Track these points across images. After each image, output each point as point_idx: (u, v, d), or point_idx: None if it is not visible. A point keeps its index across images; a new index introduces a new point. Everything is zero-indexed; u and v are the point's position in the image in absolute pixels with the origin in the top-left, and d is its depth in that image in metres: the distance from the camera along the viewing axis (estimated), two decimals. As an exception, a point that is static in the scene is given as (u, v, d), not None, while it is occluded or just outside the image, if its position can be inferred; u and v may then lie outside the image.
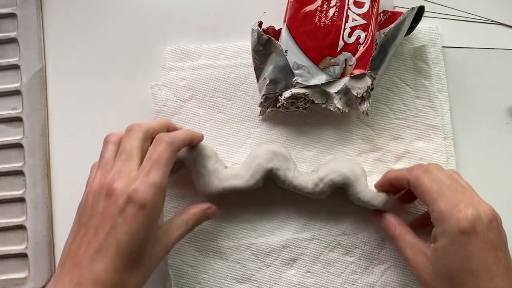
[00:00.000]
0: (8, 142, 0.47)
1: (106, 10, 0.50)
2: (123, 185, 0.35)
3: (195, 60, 0.48)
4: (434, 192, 0.37)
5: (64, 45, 0.49)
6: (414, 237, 0.40)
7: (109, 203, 0.35)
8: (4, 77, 0.48)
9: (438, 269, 0.37)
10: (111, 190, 0.35)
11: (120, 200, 0.35)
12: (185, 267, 0.45)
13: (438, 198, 0.37)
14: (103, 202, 0.35)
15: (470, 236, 0.35)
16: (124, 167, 0.36)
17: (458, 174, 0.40)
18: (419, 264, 0.38)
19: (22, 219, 0.46)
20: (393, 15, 0.44)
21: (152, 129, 0.39)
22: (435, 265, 0.37)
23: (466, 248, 0.35)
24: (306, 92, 0.42)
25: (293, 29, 0.43)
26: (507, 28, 0.48)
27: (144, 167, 0.36)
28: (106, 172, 0.37)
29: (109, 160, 0.38)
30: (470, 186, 0.39)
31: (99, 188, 0.36)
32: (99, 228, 0.35)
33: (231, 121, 0.47)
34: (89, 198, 0.36)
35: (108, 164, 0.38)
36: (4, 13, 0.49)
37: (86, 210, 0.36)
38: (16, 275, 0.45)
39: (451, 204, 0.36)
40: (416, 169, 0.39)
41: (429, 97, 0.46)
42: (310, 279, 0.44)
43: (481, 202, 0.37)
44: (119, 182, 0.35)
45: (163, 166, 0.37)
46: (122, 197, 0.35)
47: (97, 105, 0.49)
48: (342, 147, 0.46)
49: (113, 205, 0.35)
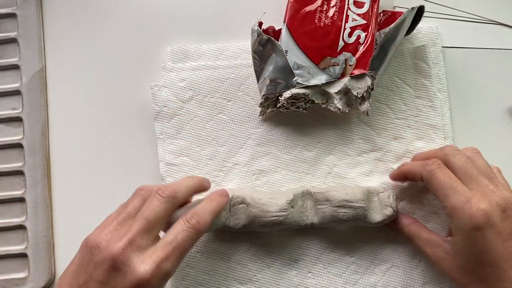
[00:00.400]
0: (8, 142, 0.47)
1: (106, 10, 0.50)
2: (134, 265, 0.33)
3: (195, 60, 0.48)
4: (446, 188, 0.37)
5: (64, 45, 0.49)
6: (429, 232, 0.40)
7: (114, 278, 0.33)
8: (4, 77, 0.48)
9: (459, 262, 0.37)
10: (118, 265, 0.33)
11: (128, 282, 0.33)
12: (186, 269, 0.45)
13: (450, 194, 0.37)
14: (108, 272, 0.33)
15: (484, 230, 0.35)
16: (139, 240, 0.34)
17: (478, 153, 0.40)
18: (439, 259, 0.38)
19: (22, 219, 0.46)
20: (393, 15, 0.44)
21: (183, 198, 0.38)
22: (455, 258, 0.37)
23: (482, 242, 0.35)
24: (306, 92, 0.42)
25: (293, 29, 0.43)
26: (507, 28, 0.48)
27: (163, 248, 0.34)
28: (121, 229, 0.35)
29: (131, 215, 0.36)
30: (488, 167, 0.39)
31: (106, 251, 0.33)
32: None
33: (231, 121, 0.47)
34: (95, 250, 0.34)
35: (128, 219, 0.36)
36: (4, 13, 0.49)
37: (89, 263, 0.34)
38: (16, 275, 0.45)
39: (463, 199, 0.36)
40: (430, 164, 0.39)
41: (429, 97, 0.46)
42: (311, 279, 0.44)
43: (495, 191, 0.37)
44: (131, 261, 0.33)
45: (181, 255, 0.35)
46: (131, 279, 0.33)
47: (97, 105, 0.48)
48: (342, 147, 0.46)
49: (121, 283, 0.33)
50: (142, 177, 0.47)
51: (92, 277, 0.33)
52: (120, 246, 0.33)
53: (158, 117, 0.47)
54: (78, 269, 0.35)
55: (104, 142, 0.48)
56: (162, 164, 0.46)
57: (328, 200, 0.42)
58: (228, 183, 0.46)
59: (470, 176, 0.37)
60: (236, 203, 0.42)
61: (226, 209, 0.41)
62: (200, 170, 0.46)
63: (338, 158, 0.46)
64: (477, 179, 0.37)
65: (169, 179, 0.46)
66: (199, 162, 0.46)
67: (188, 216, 0.36)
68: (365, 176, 0.46)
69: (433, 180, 0.38)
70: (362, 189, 0.42)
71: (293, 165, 0.46)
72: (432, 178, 0.38)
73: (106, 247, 0.34)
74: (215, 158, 0.46)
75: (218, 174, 0.46)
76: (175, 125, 0.47)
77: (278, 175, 0.46)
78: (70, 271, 0.35)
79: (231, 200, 0.42)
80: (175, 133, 0.47)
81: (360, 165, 0.46)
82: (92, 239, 0.35)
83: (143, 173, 0.47)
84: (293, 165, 0.46)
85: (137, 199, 0.37)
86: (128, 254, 0.33)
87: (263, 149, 0.46)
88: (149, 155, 0.47)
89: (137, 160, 0.47)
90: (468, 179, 0.37)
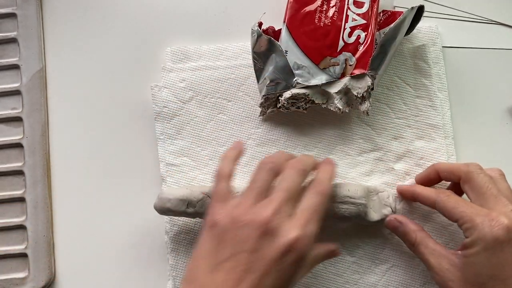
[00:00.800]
0: (8, 142, 0.47)
1: (106, 11, 0.50)
2: (284, 230, 0.34)
3: (195, 61, 0.48)
4: (462, 206, 0.37)
5: (64, 45, 0.49)
6: (436, 243, 0.39)
7: (267, 244, 0.34)
8: (4, 77, 0.48)
9: (468, 277, 0.36)
10: (270, 231, 0.34)
11: (282, 246, 0.34)
12: (186, 268, 0.45)
13: (468, 210, 0.37)
14: (256, 239, 0.34)
15: (503, 244, 0.35)
16: (284, 208, 0.35)
17: (502, 176, 0.40)
18: (444, 271, 0.37)
19: (22, 219, 0.46)
20: (393, 15, 0.44)
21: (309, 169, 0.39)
22: (465, 272, 0.36)
23: (500, 256, 0.35)
24: (306, 92, 0.42)
25: (293, 30, 0.43)
26: (507, 28, 0.48)
27: (305, 214, 0.35)
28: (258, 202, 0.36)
29: (264, 188, 0.37)
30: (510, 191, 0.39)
31: (254, 221, 0.34)
32: (252, 267, 0.33)
33: (231, 122, 0.47)
34: (236, 225, 0.35)
35: (262, 192, 0.36)
36: (4, 13, 0.49)
37: (231, 237, 0.35)
38: (16, 275, 0.45)
39: (484, 213, 0.36)
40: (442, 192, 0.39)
41: (429, 97, 0.46)
42: (312, 279, 0.44)
43: None
44: (282, 226, 0.34)
45: (319, 218, 0.36)
46: (282, 245, 0.34)
47: (97, 105, 0.48)
48: (343, 147, 0.46)
49: (273, 248, 0.34)
50: (142, 177, 0.47)
51: (240, 248, 0.34)
52: (268, 214, 0.34)
53: (158, 118, 0.47)
54: (214, 248, 0.35)
55: (104, 143, 0.48)
56: (162, 165, 0.46)
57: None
58: (228, 183, 0.46)
59: (490, 195, 0.37)
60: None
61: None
62: (200, 171, 0.46)
63: (339, 158, 0.46)
64: (496, 198, 0.37)
65: (169, 179, 0.46)
66: (199, 162, 0.46)
67: (314, 186, 0.38)
68: (366, 176, 0.46)
69: (447, 203, 0.38)
70: (363, 186, 0.42)
71: (293, 165, 0.46)
72: (445, 202, 0.38)
73: (252, 218, 0.34)
74: (216, 159, 0.46)
75: (218, 174, 0.46)
76: (175, 125, 0.47)
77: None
78: (203, 252, 0.35)
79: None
80: (175, 134, 0.47)
81: (360, 165, 0.46)
82: (231, 214, 0.35)
83: (143, 173, 0.47)
84: (293, 165, 0.46)
85: (266, 173, 0.38)
86: (276, 221, 0.34)
87: (263, 149, 0.46)
88: (149, 155, 0.47)
89: (137, 160, 0.47)
90: (487, 199, 0.37)
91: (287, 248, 0.34)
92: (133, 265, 0.46)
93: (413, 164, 0.45)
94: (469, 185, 0.39)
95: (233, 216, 0.35)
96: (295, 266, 0.34)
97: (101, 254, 0.46)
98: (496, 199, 0.37)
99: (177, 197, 0.41)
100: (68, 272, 0.46)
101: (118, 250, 0.46)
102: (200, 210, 0.42)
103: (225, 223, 0.35)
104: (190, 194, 0.42)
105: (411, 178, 0.45)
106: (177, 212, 0.42)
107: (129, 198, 0.47)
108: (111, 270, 0.46)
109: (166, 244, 0.45)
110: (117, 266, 0.46)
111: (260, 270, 0.33)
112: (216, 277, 0.34)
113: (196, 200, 0.41)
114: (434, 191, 0.40)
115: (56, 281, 0.46)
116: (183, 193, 0.42)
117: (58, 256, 0.46)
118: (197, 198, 0.42)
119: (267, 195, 0.36)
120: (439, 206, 0.39)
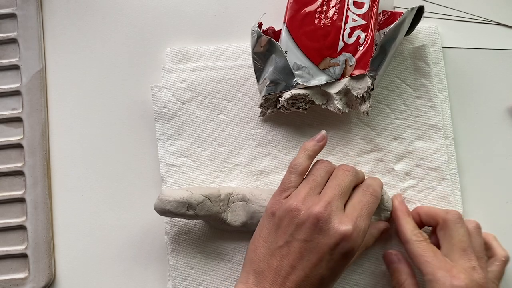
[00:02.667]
0: (8, 142, 0.47)
1: (106, 11, 0.50)
2: (335, 223, 0.36)
3: (195, 61, 0.48)
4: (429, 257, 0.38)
5: (64, 45, 0.49)
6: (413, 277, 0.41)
7: (320, 235, 0.36)
8: (4, 77, 0.48)
9: None
10: (322, 222, 0.36)
11: (333, 238, 0.36)
12: (187, 269, 0.45)
13: (432, 261, 0.38)
14: (311, 230, 0.36)
15: None
16: (335, 203, 0.37)
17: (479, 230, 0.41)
18: None
19: (22, 219, 0.46)
20: (392, 15, 0.44)
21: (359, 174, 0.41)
22: None
23: None
24: (306, 93, 0.42)
25: (293, 30, 0.43)
26: (507, 28, 0.48)
27: (355, 209, 0.38)
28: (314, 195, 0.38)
29: (320, 183, 0.39)
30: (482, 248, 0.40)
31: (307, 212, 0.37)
32: (304, 256, 0.36)
33: (231, 122, 0.47)
34: (290, 214, 0.37)
35: (317, 187, 0.39)
36: (4, 13, 0.49)
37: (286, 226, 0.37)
38: (16, 275, 0.45)
39: (446, 267, 0.37)
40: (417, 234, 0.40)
41: (429, 97, 0.46)
42: (311, 279, 0.44)
43: (477, 270, 0.38)
44: (333, 220, 0.36)
45: (370, 215, 0.38)
46: (333, 237, 0.36)
47: (97, 105, 0.48)
48: (342, 148, 0.46)
49: (324, 239, 0.36)
50: (142, 178, 0.47)
51: (294, 237, 0.37)
52: (321, 206, 0.37)
53: (159, 118, 0.47)
54: (273, 233, 0.38)
55: (104, 143, 0.48)
56: (162, 165, 0.47)
57: None
58: (228, 184, 0.46)
59: (459, 248, 0.38)
60: (236, 199, 0.43)
61: (224, 200, 0.42)
62: (200, 171, 0.46)
63: (339, 159, 0.46)
64: (464, 252, 0.38)
65: (169, 179, 0.46)
66: (199, 162, 0.46)
67: (364, 187, 0.40)
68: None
69: (416, 249, 0.39)
70: None
71: (293, 166, 0.46)
72: (416, 247, 0.39)
73: (307, 208, 0.37)
74: (215, 159, 0.46)
75: (218, 175, 0.46)
76: (175, 126, 0.47)
77: (279, 176, 0.46)
78: (262, 238, 0.38)
79: (231, 196, 0.42)
80: (175, 134, 0.47)
81: (360, 166, 0.46)
82: (288, 204, 0.38)
83: (143, 174, 0.47)
84: (293, 165, 0.46)
85: (323, 170, 0.40)
86: (328, 213, 0.36)
87: (263, 149, 0.46)
88: (149, 156, 0.47)
89: (137, 160, 0.47)
90: (455, 251, 0.38)
91: (338, 241, 0.36)
92: (133, 265, 0.46)
93: (413, 164, 0.45)
94: (443, 232, 0.40)
95: (289, 206, 0.38)
96: (345, 258, 0.36)
97: (101, 255, 0.46)
98: (463, 253, 0.38)
99: (177, 199, 0.41)
100: (68, 272, 0.46)
101: (118, 250, 0.46)
102: (200, 213, 0.42)
103: (282, 212, 0.38)
104: (190, 197, 0.41)
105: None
106: (177, 214, 0.42)
107: (129, 199, 0.47)
108: (111, 270, 0.46)
109: (166, 244, 0.45)
110: (117, 267, 0.46)
111: (311, 259, 0.36)
112: (272, 262, 0.37)
113: (197, 202, 0.41)
114: (410, 230, 0.41)
115: (56, 281, 0.46)
116: (183, 195, 0.41)
117: (58, 256, 0.46)
118: (198, 200, 0.41)
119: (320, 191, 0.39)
120: (409, 247, 0.40)
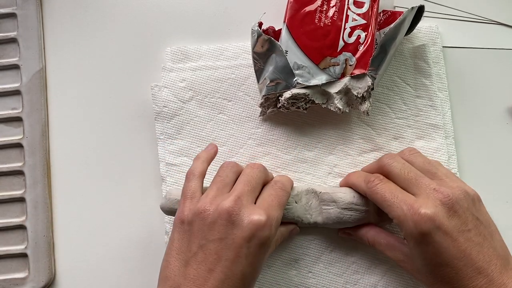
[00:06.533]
0: (8, 142, 0.47)
1: (106, 11, 0.50)
2: (248, 215, 0.35)
3: (195, 61, 0.48)
4: (388, 200, 0.37)
5: (64, 45, 0.49)
6: (388, 236, 0.40)
7: (234, 229, 0.35)
8: (4, 77, 0.48)
9: (417, 266, 0.37)
10: (234, 217, 0.35)
11: (247, 229, 0.35)
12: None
13: (393, 205, 0.37)
14: (224, 227, 0.35)
15: (431, 235, 0.34)
16: (246, 197, 0.37)
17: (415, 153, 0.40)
18: (401, 262, 0.39)
19: (22, 219, 0.46)
20: (393, 15, 0.44)
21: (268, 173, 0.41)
22: (414, 263, 0.37)
23: (432, 246, 0.35)
24: (306, 92, 0.42)
25: (293, 30, 0.43)
26: (507, 28, 0.48)
27: (266, 201, 0.37)
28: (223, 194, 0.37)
29: (227, 183, 0.38)
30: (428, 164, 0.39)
31: (217, 210, 0.36)
32: (222, 256, 0.35)
33: (231, 121, 0.47)
34: (201, 215, 0.36)
35: (225, 187, 0.38)
36: (4, 13, 0.49)
37: (198, 229, 0.36)
38: (16, 275, 0.45)
39: (406, 207, 0.36)
40: (371, 180, 0.39)
41: (429, 96, 0.46)
42: (312, 279, 0.44)
43: (437, 189, 0.36)
44: (244, 212, 0.36)
45: (281, 206, 0.38)
46: (248, 228, 0.35)
47: (97, 105, 0.48)
48: (343, 147, 0.46)
49: (239, 232, 0.35)
50: (142, 177, 0.47)
51: (208, 238, 0.35)
52: (231, 200, 0.36)
53: (158, 118, 0.47)
54: (185, 242, 0.36)
55: (104, 142, 0.48)
56: (162, 164, 0.46)
57: (335, 201, 0.42)
58: (228, 183, 0.46)
59: (410, 181, 0.37)
60: None
61: None
62: (200, 170, 0.46)
63: (339, 158, 0.46)
64: (417, 182, 0.37)
65: (169, 179, 0.46)
66: (199, 162, 0.46)
67: (273, 182, 0.40)
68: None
69: (375, 195, 0.38)
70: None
71: (294, 166, 0.46)
72: (374, 194, 0.38)
73: (216, 207, 0.36)
74: (216, 159, 0.46)
75: (218, 174, 0.46)
76: (175, 125, 0.47)
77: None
78: (174, 251, 0.37)
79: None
80: (175, 133, 0.47)
81: (361, 165, 0.46)
82: (196, 207, 0.37)
83: (143, 173, 0.47)
84: (294, 165, 0.46)
85: (230, 171, 0.39)
86: (239, 207, 0.36)
87: (263, 149, 0.46)
88: (149, 155, 0.47)
89: (137, 160, 0.47)
90: (409, 185, 0.37)
91: (253, 231, 0.35)
92: (133, 265, 0.46)
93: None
94: (391, 177, 0.39)
95: (198, 208, 0.37)
96: (262, 248, 0.35)
97: (101, 254, 0.46)
98: (416, 183, 0.37)
99: None
100: (68, 272, 0.46)
101: (118, 250, 0.46)
102: None
103: (191, 217, 0.37)
104: None
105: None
106: None
107: (129, 198, 0.47)
108: (111, 270, 0.46)
109: (166, 244, 0.45)
110: (117, 266, 0.46)
111: (229, 257, 0.35)
112: (189, 272, 0.35)
113: None
114: (363, 179, 0.40)
115: (56, 281, 0.46)
116: None
117: (58, 256, 0.46)
118: None
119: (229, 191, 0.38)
120: (370, 197, 0.39)
